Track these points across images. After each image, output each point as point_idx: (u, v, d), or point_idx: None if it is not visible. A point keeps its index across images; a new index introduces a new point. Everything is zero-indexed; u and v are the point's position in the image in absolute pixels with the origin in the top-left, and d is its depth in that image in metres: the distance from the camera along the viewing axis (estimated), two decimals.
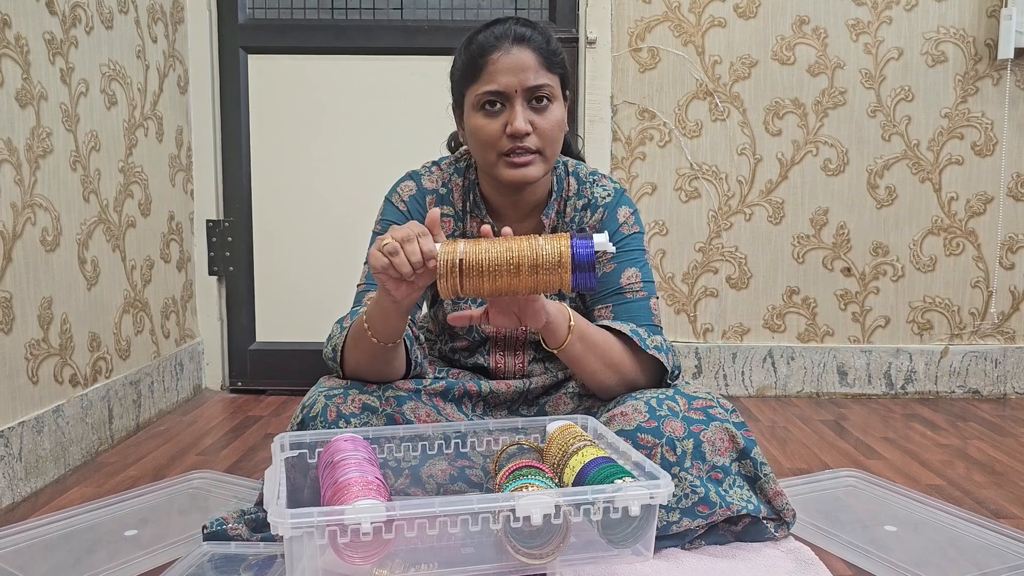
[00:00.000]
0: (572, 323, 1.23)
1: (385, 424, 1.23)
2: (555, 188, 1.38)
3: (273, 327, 2.40)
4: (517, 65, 1.23)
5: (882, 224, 2.33)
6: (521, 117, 1.23)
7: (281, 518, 0.89)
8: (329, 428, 1.21)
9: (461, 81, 1.29)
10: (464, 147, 1.43)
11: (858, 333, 2.36)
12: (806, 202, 2.32)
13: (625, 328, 1.28)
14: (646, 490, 0.98)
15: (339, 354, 1.27)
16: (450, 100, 1.36)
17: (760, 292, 2.35)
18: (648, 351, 1.28)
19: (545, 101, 1.26)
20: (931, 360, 2.35)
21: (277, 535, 0.91)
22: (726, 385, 2.36)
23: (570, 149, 1.48)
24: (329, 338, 1.31)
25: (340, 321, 1.30)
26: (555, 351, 1.25)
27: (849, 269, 2.34)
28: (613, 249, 1.09)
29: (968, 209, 2.31)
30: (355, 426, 1.21)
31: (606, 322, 1.31)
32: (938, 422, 2.09)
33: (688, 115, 2.30)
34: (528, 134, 1.24)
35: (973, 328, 2.35)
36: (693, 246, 2.34)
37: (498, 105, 1.25)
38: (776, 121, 2.30)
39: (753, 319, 2.36)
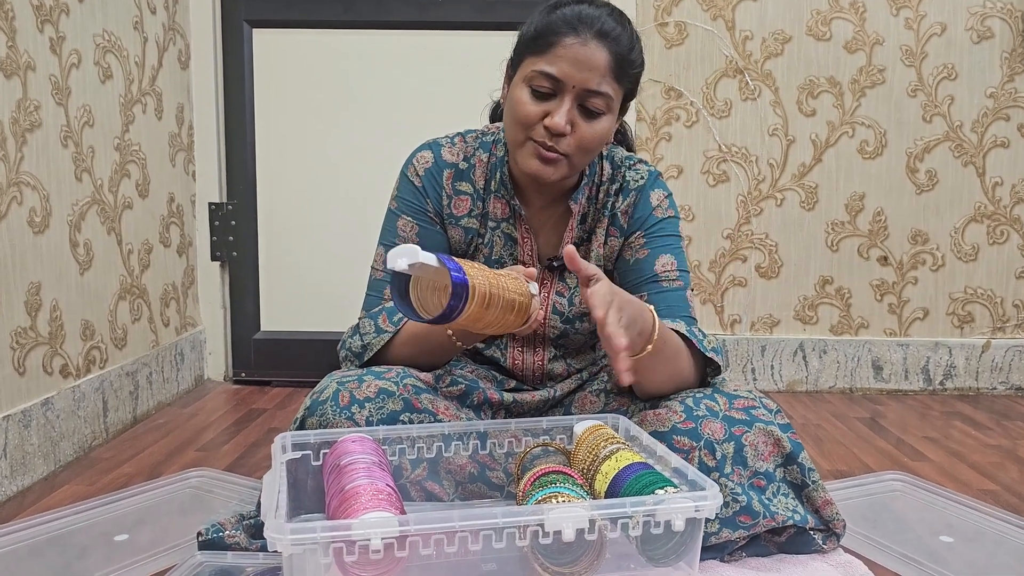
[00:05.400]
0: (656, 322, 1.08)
1: (402, 409, 1.14)
2: (587, 172, 1.29)
3: (279, 315, 2.33)
4: (586, 61, 1.11)
5: (922, 210, 2.25)
6: (564, 114, 1.13)
7: (280, 533, 0.79)
8: (341, 413, 1.12)
9: (525, 46, 1.17)
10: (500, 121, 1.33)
11: (895, 326, 2.28)
12: (841, 187, 2.25)
13: (681, 327, 1.18)
14: (691, 502, 0.88)
15: (371, 353, 1.21)
16: (509, 55, 1.23)
17: (791, 282, 2.28)
18: (707, 354, 1.19)
19: (596, 111, 1.15)
20: (972, 355, 2.26)
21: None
22: (754, 380, 2.29)
23: (626, 137, 1.37)
24: (356, 335, 1.24)
25: (358, 326, 1.24)
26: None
27: (886, 258, 2.26)
28: None
29: (1014, 195, 2.23)
30: (369, 411, 1.13)
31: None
32: (981, 420, 1.98)
33: (717, 94, 2.22)
34: (564, 135, 1.14)
35: (1017, 321, 2.27)
36: (721, 232, 2.27)
37: (548, 90, 1.14)
38: (810, 100, 2.21)
39: (783, 310, 2.28)
